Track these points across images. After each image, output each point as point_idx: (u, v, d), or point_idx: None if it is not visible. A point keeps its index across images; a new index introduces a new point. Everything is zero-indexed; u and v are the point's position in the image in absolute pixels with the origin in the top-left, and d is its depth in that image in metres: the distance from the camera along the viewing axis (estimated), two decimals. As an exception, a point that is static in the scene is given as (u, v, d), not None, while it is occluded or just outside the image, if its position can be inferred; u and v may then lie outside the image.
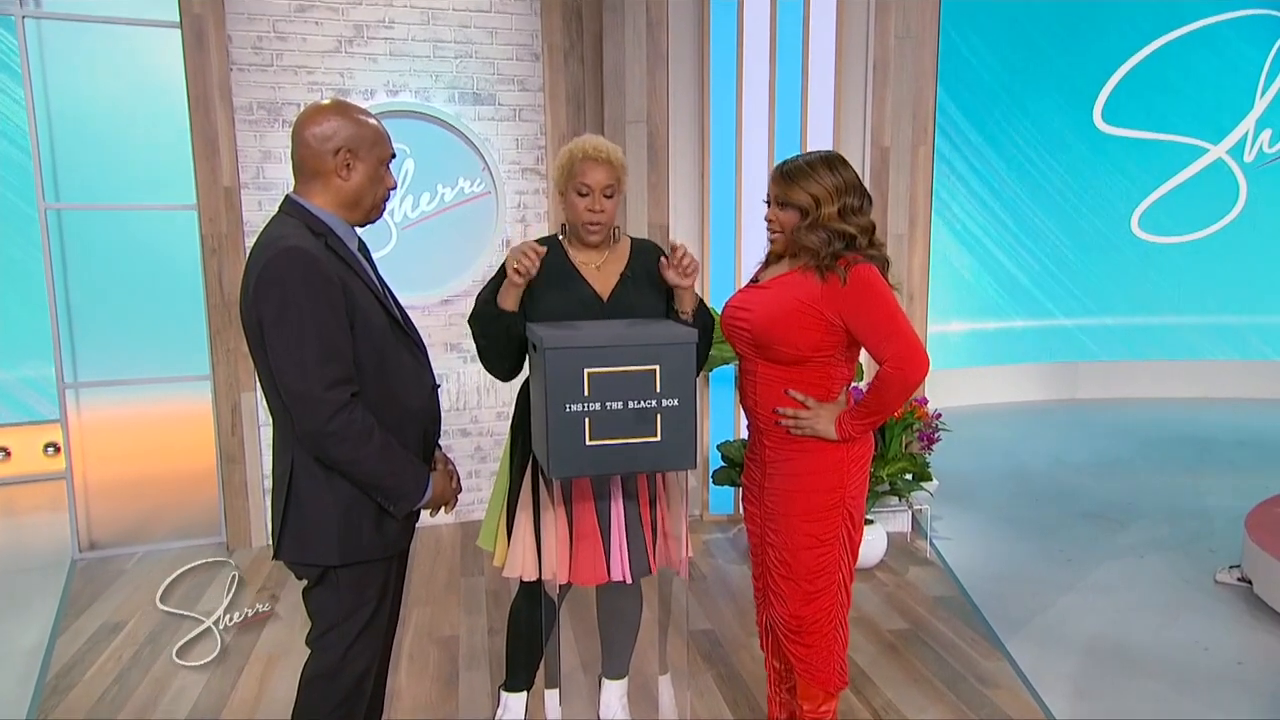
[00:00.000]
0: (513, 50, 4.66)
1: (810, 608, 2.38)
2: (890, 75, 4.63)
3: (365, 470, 1.89)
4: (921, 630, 3.53)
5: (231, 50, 4.23)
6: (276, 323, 1.81)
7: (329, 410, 1.81)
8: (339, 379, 1.83)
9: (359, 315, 1.90)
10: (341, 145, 1.93)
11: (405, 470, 1.96)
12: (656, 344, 2.13)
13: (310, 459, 1.90)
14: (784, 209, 2.28)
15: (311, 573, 1.97)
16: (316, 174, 1.95)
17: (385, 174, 2.03)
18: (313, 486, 1.92)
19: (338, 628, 2.00)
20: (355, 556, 1.95)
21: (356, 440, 1.85)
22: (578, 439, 2.12)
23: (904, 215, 4.73)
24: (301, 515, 1.93)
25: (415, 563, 4.24)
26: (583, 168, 2.37)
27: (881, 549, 4.11)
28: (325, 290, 1.83)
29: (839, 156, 2.29)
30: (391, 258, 4.50)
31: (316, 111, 1.95)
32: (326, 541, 1.92)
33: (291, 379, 1.81)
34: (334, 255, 1.91)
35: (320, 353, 1.81)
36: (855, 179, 2.27)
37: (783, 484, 2.36)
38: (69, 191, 4.22)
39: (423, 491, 2.01)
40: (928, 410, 4.38)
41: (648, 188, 4.61)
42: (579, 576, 2.46)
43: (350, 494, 1.93)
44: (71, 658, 3.30)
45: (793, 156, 2.32)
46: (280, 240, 1.84)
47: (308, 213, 1.94)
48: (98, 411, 4.40)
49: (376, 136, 1.98)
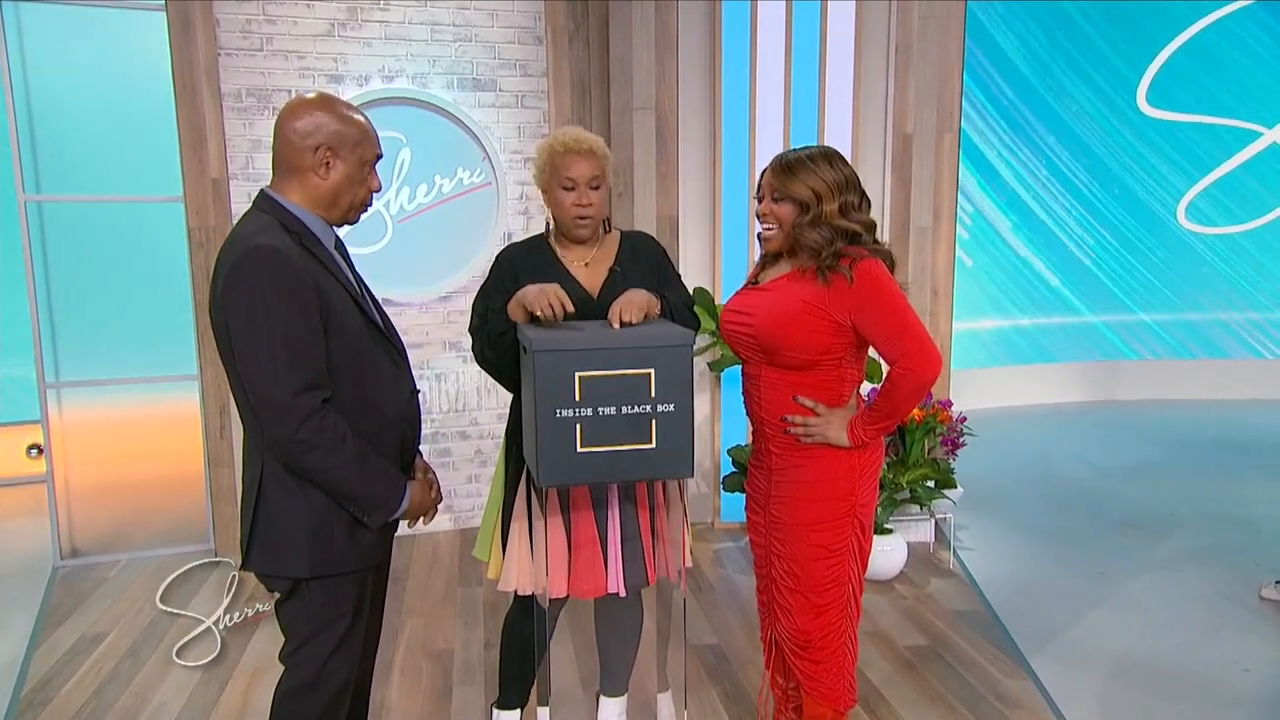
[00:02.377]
0: (514, 33, 4.66)
1: (818, 622, 2.37)
2: (914, 59, 4.61)
3: (338, 479, 1.90)
4: (941, 646, 3.51)
5: (219, 34, 4.26)
6: (244, 325, 1.81)
7: (298, 417, 1.82)
8: (309, 384, 1.84)
9: (333, 317, 1.91)
10: (322, 142, 1.93)
11: (380, 479, 1.97)
12: (651, 346, 2.13)
13: (280, 467, 1.91)
14: (781, 203, 2.27)
15: (282, 585, 1.98)
16: (294, 169, 1.95)
17: (369, 176, 2.04)
18: (282, 495, 1.93)
19: (311, 643, 2.01)
20: (327, 569, 1.96)
21: (328, 448, 1.86)
22: (568, 446, 2.12)
23: (927, 206, 4.70)
24: (270, 525, 1.94)
25: (411, 572, 4.27)
26: (565, 161, 2.38)
27: (901, 560, 4.10)
28: (296, 291, 1.83)
29: (838, 153, 2.30)
30: (386, 252, 4.52)
31: (300, 105, 1.96)
32: (296, 553, 1.93)
33: (259, 384, 1.82)
34: (308, 254, 1.92)
35: (290, 357, 1.82)
36: (854, 176, 2.28)
37: (790, 492, 2.35)
38: (50, 183, 4.26)
39: (399, 501, 2.02)
40: (951, 413, 4.35)
41: (656, 178, 4.61)
42: (576, 589, 2.47)
43: (322, 503, 1.94)
44: (48, 671, 3.33)
45: (789, 150, 2.32)
46: (250, 237, 1.85)
47: (282, 209, 1.95)
48: (80, 413, 4.44)
49: (361, 136, 1.99)
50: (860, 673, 3.29)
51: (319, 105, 1.95)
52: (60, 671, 3.33)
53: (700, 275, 4.63)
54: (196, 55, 4.20)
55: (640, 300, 2.28)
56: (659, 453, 2.16)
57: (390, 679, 3.30)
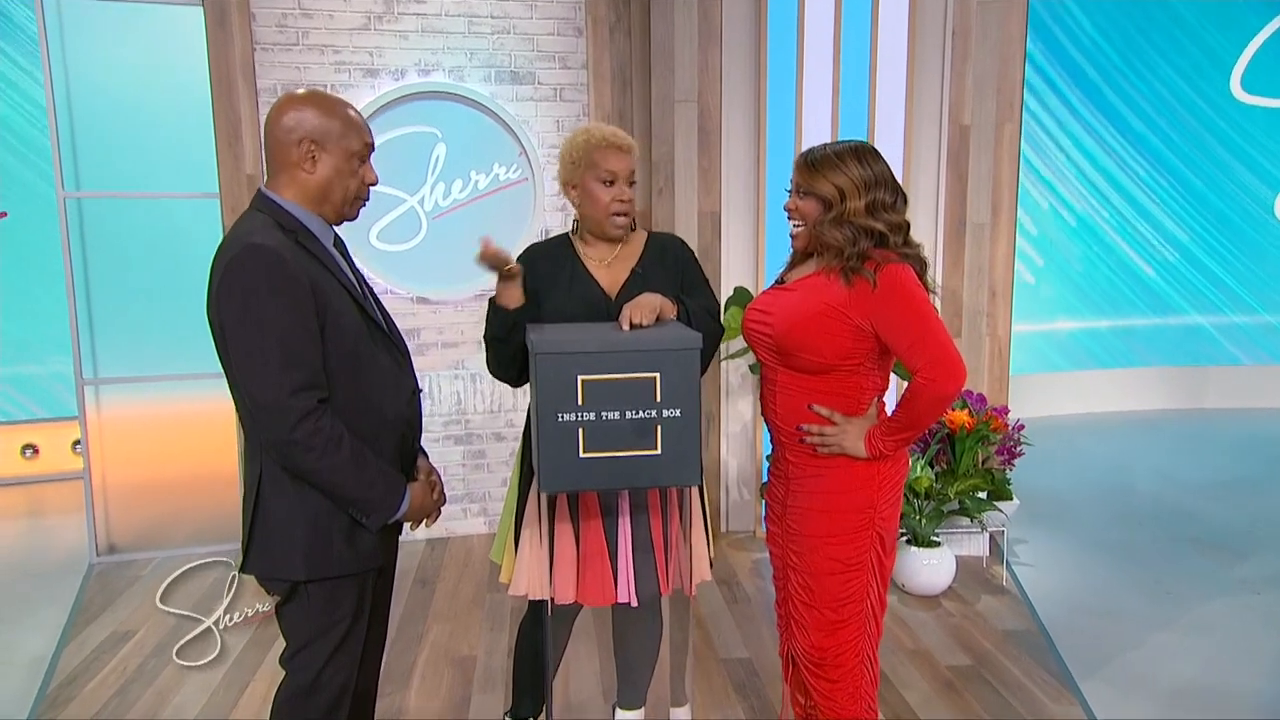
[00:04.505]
0: (554, 24, 4.72)
1: (834, 639, 2.37)
2: (972, 45, 4.54)
3: (334, 481, 1.95)
4: (986, 667, 3.46)
5: (255, 29, 4.39)
6: (238, 325, 1.88)
7: (293, 418, 1.88)
8: (304, 384, 1.90)
9: (330, 316, 1.96)
10: (305, 136, 1.99)
11: (378, 481, 2.02)
12: (657, 350, 2.15)
13: (278, 468, 1.98)
14: (805, 198, 2.27)
15: (280, 588, 2.05)
16: (283, 166, 2.02)
17: (362, 168, 2.09)
18: (280, 497, 1.99)
19: (310, 646, 2.07)
20: (324, 572, 2.01)
21: (323, 449, 1.91)
22: (571, 451, 2.15)
23: (985, 202, 4.63)
24: (268, 527, 2.00)
25: (441, 575, 4.34)
26: (605, 155, 2.42)
27: (949, 575, 4.04)
28: (290, 290, 1.89)
29: (871, 148, 2.28)
30: (421, 249, 4.61)
31: (286, 101, 2.02)
32: (293, 555, 1.99)
33: (253, 385, 1.89)
34: (305, 252, 1.97)
35: (284, 357, 1.87)
36: (887, 173, 2.26)
37: (806, 502, 2.35)
38: (89, 179, 4.44)
39: (398, 503, 2.06)
40: (1007, 421, 4.28)
41: (698, 173, 4.62)
42: (586, 597, 2.50)
43: (320, 505, 1.99)
44: (75, 668, 3.48)
45: (820, 144, 2.32)
46: (245, 237, 1.92)
47: (278, 208, 2.02)
48: (119, 409, 4.61)
49: (345, 128, 2.04)
50: (896, 693, 3.27)
51: (303, 101, 2.01)
52: (87, 669, 3.47)
53: (742, 275, 4.63)
54: (232, 50, 4.34)
55: (652, 303, 2.30)
56: (664, 459, 2.17)
57: (410, 684, 3.37)
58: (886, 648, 3.58)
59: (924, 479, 3.97)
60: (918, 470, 4.01)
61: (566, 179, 2.50)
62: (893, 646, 3.60)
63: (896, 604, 3.97)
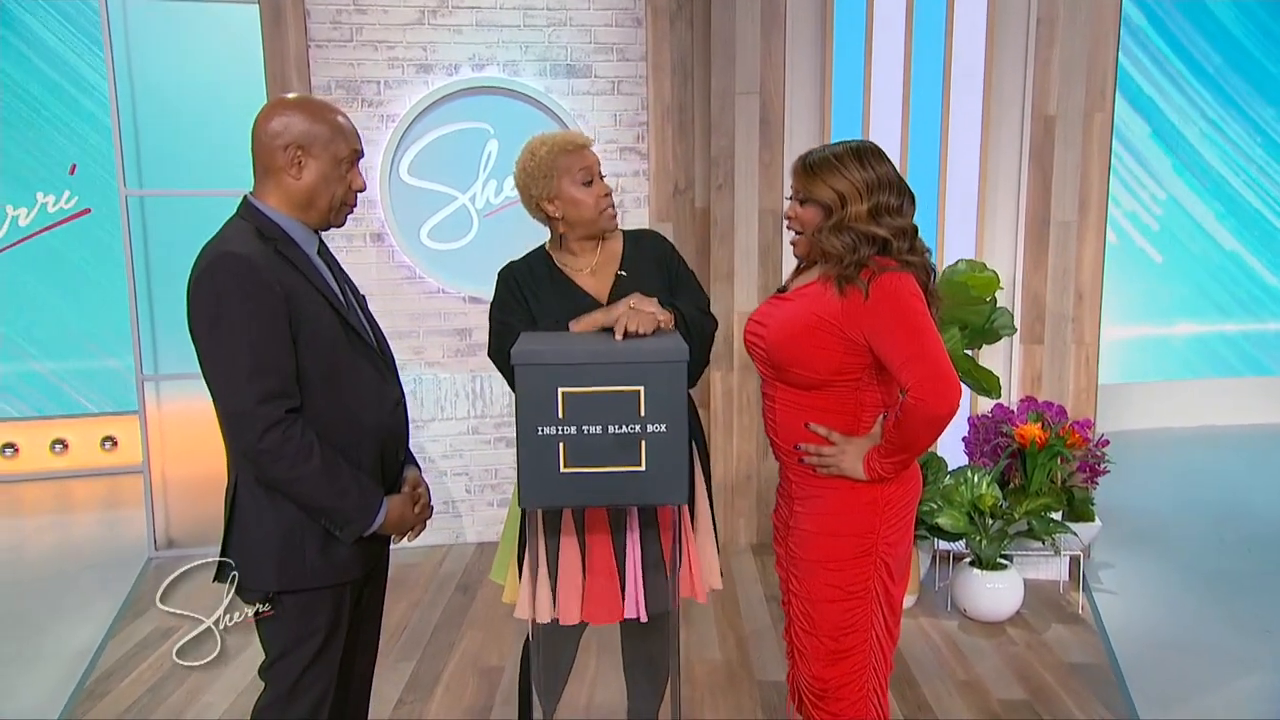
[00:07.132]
0: (612, 15, 4.74)
1: (835, 670, 2.33)
2: (1059, 30, 4.37)
3: (304, 491, 2.02)
4: (1042, 701, 3.35)
5: (309, 25, 4.55)
6: (209, 333, 1.96)
7: (260, 426, 1.95)
8: (272, 393, 1.96)
9: (305, 325, 2.03)
10: (291, 141, 2.06)
11: (351, 492, 2.07)
12: (641, 362, 2.14)
13: (252, 477, 2.05)
14: (804, 205, 2.24)
15: (255, 597, 2.12)
16: (269, 171, 2.10)
17: (349, 174, 2.15)
18: (254, 506, 2.07)
19: (286, 657, 2.14)
20: (296, 583, 2.08)
21: (293, 459, 1.98)
22: (550, 465, 2.16)
23: (1072, 198, 4.46)
24: (243, 536, 2.09)
25: (485, 582, 4.41)
26: (573, 157, 2.47)
27: (1016, 600, 3.92)
28: (262, 298, 1.96)
29: (873, 147, 2.24)
30: (472, 247, 4.69)
31: (273, 106, 2.10)
32: (265, 565, 2.07)
33: (222, 393, 1.97)
34: (283, 260, 2.04)
35: (252, 365, 1.94)
36: (892, 174, 2.21)
37: (807, 524, 2.32)
38: (152, 177, 4.67)
39: (373, 515, 2.11)
40: (1088, 436, 4.12)
41: (760, 168, 4.59)
42: (592, 615, 2.52)
43: (293, 516, 2.06)
44: (116, 663, 3.68)
45: (818, 147, 2.29)
46: (220, 245, 2.00)
47: (261, 215, 2.09)
48: (180, 404, 4.85)
49: (333, 133, 2.10)
50: (934, 726, 3.19)
51: (290, 106, 2.09)
52: (126, 664, 3.67)
53: (805, 275, 4.57)
54: (287, 47, 4.50)
55: (652, 313, 2.30)
56: (649, 476, 2.16)
57: (434, 693, 3.45)
58: (933, 675, 3.50)
59: (988, 496, 3.86)
60: (983, 487, 3.90)
61: (539, 194, 2.51)
62: (941, 674, 3.52)
63: (955, 629, 3.88)
